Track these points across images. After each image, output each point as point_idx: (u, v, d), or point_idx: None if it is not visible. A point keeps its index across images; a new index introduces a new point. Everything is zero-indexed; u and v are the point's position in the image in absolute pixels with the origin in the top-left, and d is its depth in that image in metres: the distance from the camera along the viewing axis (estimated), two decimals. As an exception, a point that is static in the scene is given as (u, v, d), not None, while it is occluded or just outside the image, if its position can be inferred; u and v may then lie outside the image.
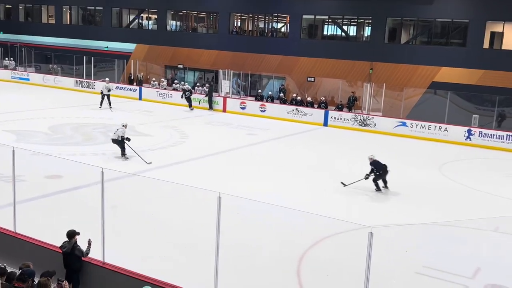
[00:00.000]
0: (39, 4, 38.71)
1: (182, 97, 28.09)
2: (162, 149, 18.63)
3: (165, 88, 30.84)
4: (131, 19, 35.90)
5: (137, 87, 31.32)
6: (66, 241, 8.04)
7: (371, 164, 14.56)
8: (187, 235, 10.70)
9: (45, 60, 37.07)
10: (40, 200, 12.52)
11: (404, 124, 24.09)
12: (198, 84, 30.79)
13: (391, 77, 26.83)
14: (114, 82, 32.65)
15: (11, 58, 37.26)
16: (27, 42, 37.89)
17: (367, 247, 6.04)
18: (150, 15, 35.51)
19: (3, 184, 13.06)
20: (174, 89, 30.34)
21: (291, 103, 27.30)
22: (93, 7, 37.12)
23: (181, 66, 32.65)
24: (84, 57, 33.94)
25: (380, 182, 14.70)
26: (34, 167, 14.28)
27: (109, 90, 26.78)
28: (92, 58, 33.85)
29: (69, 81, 33.53)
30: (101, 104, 26.51)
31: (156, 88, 31.01)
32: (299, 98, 27.46)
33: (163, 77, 32.99)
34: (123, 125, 17.18)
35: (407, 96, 26.10)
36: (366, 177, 14.53)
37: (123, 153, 16.74)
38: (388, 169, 14.54)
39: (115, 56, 34.18)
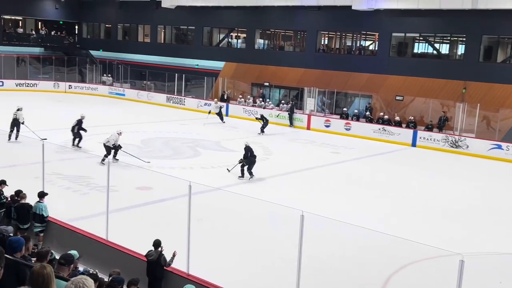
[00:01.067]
0: (136, 24, 41.01)
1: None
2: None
3: (252, 105, 31.34)
4: (221, 38, 37.00)
5: (224, 104, 32.08)
6: (152, 250, 8.33)
7: (245, 149, 16.95)
8: (268, 251, 10.70)
9: (140, 77, 39.07)
10: (131, 210, 13.12)
11: (499, 147, 22.70)
12: (282, 101, 31.00)
13: (486, 97, 25.45)
14: (203, 99, 33.71)
15: (109, 75, 39.66)
16: (124, 59, 40.20)
17: (457, 275, 5.71)
18: (239, 34, 36.41)
19: (97, 193, 13.86)
20: (259, 107, 30.75)
21: (377, 122, 26.70)
22: (185, 27, 38.70)
23: (267, 84, 33.08)
24: (176, 74, 35.39)
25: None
26: (126, 178, 15.02)
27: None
28: (183, 75, 35.22)
29: (161, 97, 35.07)
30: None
31: (242, 105, 31.60)
32: (386, 117, 26.80)
33: (249, 94, 33.57)
34: (118, 133, 17.74)
35: (503, 117, 24.61)
36: (240, 161, 16.81)
37: (115, 157, 17.24)
38: (255, 160, 16.85)
39: (205, 74, 35.33)
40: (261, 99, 31.87)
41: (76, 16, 43.62)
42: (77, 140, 19.74)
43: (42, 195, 10.51)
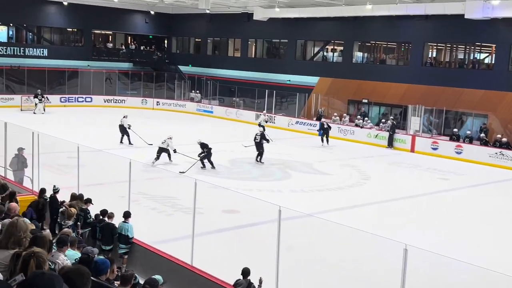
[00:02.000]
0: (226, 38, 42.29)
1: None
2: (339, 190, 18.63)
3: (347, 124, 31.02)
4: (315, 52, 37.13)
5: (317, 123, 32.00)
6: (241, 279, 8.40)
7: (201, 146, 20.52)
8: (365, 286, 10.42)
9: (229, 93, 40.09)
10: (216, 234, 13.37)
11: None
12: (383, 120, 30.37)
13: None
14: (294, 117, 33.89)
15: (197, 91, 41.08)
16: (213, 75, 41.50)
17: None
18: (335, 47, 36.33)
19: (183, 215, 14.29)
20: (357, 125, 30.35)
21: (494, 145, 25.31)
22: (278, 40, 39.30)
23: (365, 101, 32.60)
24: (266, 90, 35.92)
25: None
26: (212, 200, 15.35)
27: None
28: (274, 91, 35.67)
29: (250, 114, 35.70)
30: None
31: (337, 123, 31.34)
32: (504, 139, 25.34)
33: (345, 112, 33.26)
34: (169, 138, 21.27)
35: None
36: (199, 155, 20.03)
37: (170, 159, 21.11)
38: (211, 151, 20.48)
39: (297, 90, 35.55)
40: (359, 116, 31.43)
41: (165, 30, 45.84)
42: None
43: (127, 215, 11.00)
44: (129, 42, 46.08)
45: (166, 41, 47.10)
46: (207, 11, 38.47)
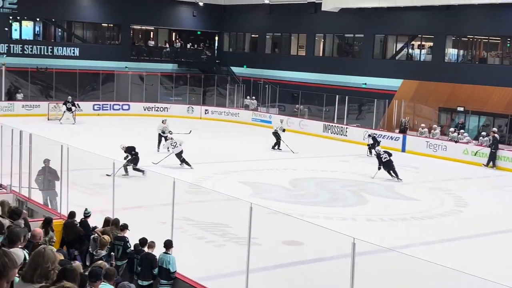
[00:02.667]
0: (289, 33, 42.50)
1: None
2: (428, 219, 18.30)
3: (437, 138, 30.45)
4: (398, 49, 36.75)
5: (400, 135, 31.55)
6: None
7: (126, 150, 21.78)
8: None
9: (291, 100, 40.17)
10: (276, 271, 13.37)
11: None
12: (483, 133, 29.61)
13: None
14: (371, 128, 33.54)
15: (253, 97, 41.36)
16: (272, 78, 41.72)
17: None
18: (423, 43, 35.85)
19: (235, 246, 14.36)
20: (451, 140, 29.74)
21: None
22: (351, 35, 39.16)
23: (461, 109, 31.92)
24: (336, 96, 35.75)
25: None
26: (270, 228, 15.35)
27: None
28: (346, 97, 35.46)
29: (317, 125, 35.62)
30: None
31: (426, 137, 30.80)
32: None
33: (436, 122, 32.65)
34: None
35: None
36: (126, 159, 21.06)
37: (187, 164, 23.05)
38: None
39: (374, 95, 35.22)
40: (452, 129, 30.76)
41: (216, 25, 46.59)
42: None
43: (169, 245, 11.15)
44: (173, 39, 47.09)
45: (216, 38, 47.85)
46: (266, 1, 38.91)
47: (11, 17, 39.25)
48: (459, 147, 28.93)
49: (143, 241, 11.44)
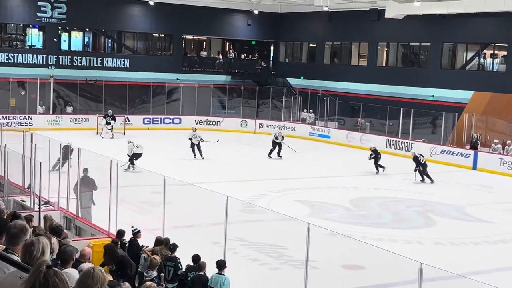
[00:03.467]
0: (349, 42, 42.36)
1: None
2: (503, 243, 18.00)
3: (512, 155, 29.77)
4: (468, 58, 36.15)
5: (471, 152, 30.96)
6: None
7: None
8: None
9: (351, 113, 39.93)
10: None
11: None
12: None
13: None
14: (439, 144, 33.02)
15: (311, 110, 41.32)
16: (330, 89, 41.58)
17: None
18: (496, 52, 35.19)
19: (292, 269, 14.31)
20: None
21: None
22: (417, 43, 38.73)
23: (540, 123, 31.17)
24: (401, 109, 35.38)
25: None
26: (329, 251, 15.26)
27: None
28: (412, 110, 35.04)
29: (380, 140, 35.22)
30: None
31: (499, 153, 30.16)
32: None
33: (510, 137, 31.91)
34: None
35: None
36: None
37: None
38: None
39: (442, 108, 34.71)
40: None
41: (271, 34, 46.80)
42: None
43: (223, 265, 11.18)
44: (226, 49, 47.57)
45: (272, 48, 48.13)
46: (325, 8, 38.85)
47: (60, 28, 40.40)
48: None
49: (196, 258, 11.49)
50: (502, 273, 15.20)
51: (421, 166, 26.43)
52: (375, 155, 28.26)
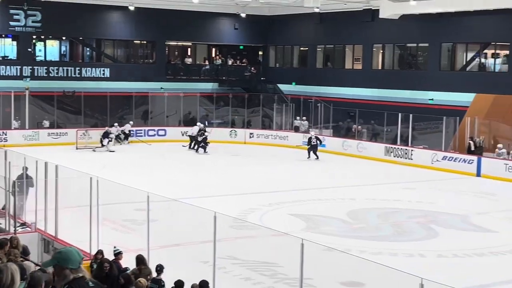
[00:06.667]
0: (342, 44, 42.47)
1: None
2: (510, 254, 18.01)
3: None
4: (469, 59, 36.31)
5: (475, 158, 31.05)
6: None
7: None
8: None
9: (347, 119, 39.98)
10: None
11: None
12: None
13: None
14: (440, 150, 33.11)
15: (304, 117, 41.33)
16: (324, 95, 41.61)
17: None
18: (497, 51, 35.36)
19: (286, 287, 14.26)
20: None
21: None
22: (415, 44, 38.88)
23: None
24: (399, 114, 35.46)
25: None
26: (326, 267, 15.23)
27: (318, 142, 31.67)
28: (410, 115, 35.13)
29: (378, 147, 35.34)
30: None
31: (504, 159, 30.27)
32: None
33: (515, 142, 32.08)
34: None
35: None
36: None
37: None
38: None
39: (443, 112, 34.78)
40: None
41: (260, 38, 46.84)
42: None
43: (204, 286, 11.14)
44: (213, 55, 47.57)
45: (261, 53, 48.15)
46: (316, 9, 38.91)
47: (34, 37, 40.32)
48: None
49: (179, 285, 11.46)
50: (509, 286, 15.22)
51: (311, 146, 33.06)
52: (316, 142, 33.72)
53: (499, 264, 17.10)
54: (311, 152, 34.26)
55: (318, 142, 34.46)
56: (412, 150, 33.91)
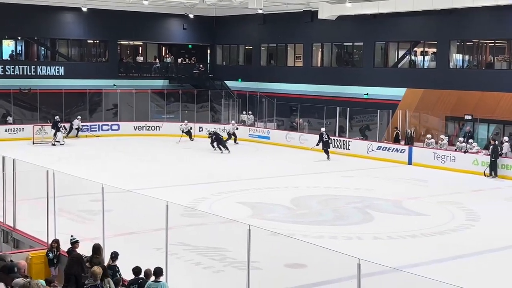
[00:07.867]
0: (285, 43, 42.60)
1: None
2: (439, 235, 18.23)
3: (445, 149, 30.45)
4: (400, 56, 36.82)
5: (406, 147, 31.55)
6: None
7: None
8: None
9: (289, 113, 40.19)
10: (278, 296, 13.28)
11: None
12: (495, 141, 29.54)
13: None
14: (375, 141, 33.56)
15: (249, 112, 41.37)
16: (268, 91, 41.77)
17: None
18: (426, 49, 35.94)
19: (235, 271, 14.30)
20: (459, 150, 29.74)
21: None
22: (351, 43, 39.24)
23: (469, 117, 31.95)
24: (337, 108, 35.80)
25: None
26: (271, 251, 15.29)
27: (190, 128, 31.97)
28: (347, 109, 35.51)
29: (317, 139, 35.57)
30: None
31: (433, 148, 30.81)
32: None
33: (442, 132, 32.66)
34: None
35: None
36: None
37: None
38: None
39: (377, 106, 35.23)
40: (461, 138, 30.77)
41: (208, 38, 46.73)
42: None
43: (158, 272, 11.06)
44: (163, 54, 47.22)
45: (209, 51, 47.96)
46: (260, 11, 38.98)
47: (-10, 37, 39.37)
48: (469, 158, 28.91)
49: (137, 271, 11.37)
50: (440, 265, 15.47)
51: (217, 140, 33.66)
52: (216, 137, 33.97)
53: (430, 245, 17.36)
54: (327, 150, 32.06)
55: (329, 138, 32.55)
56: (349, 141, 34.27)
